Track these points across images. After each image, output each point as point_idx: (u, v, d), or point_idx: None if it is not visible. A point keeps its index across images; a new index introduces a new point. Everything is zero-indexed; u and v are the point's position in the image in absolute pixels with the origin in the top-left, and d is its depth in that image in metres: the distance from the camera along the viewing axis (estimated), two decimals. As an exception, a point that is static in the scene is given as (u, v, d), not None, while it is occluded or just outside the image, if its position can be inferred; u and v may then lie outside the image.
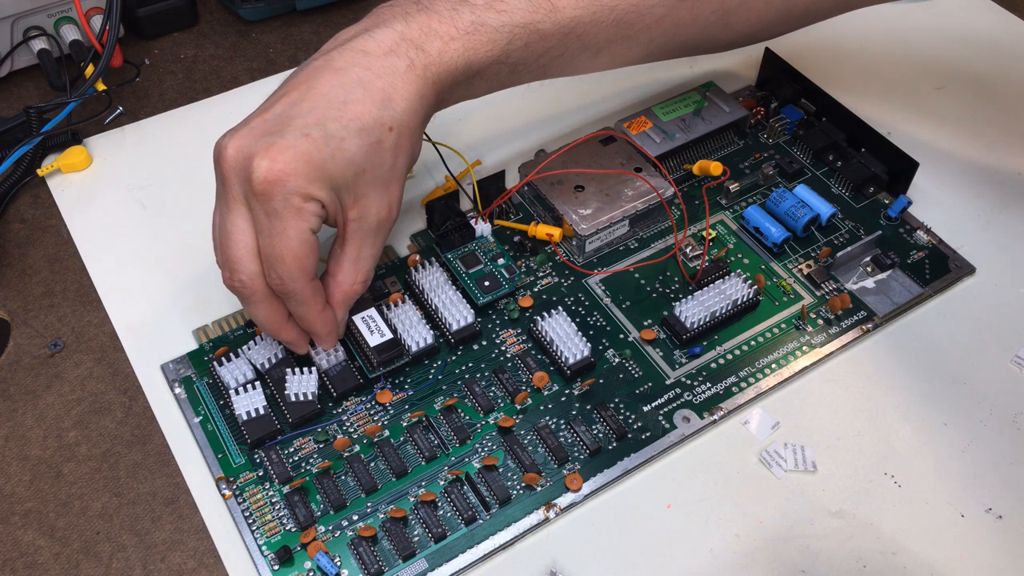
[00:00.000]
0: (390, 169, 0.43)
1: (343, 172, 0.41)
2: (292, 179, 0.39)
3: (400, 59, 0.42)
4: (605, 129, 0.58)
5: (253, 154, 0.40)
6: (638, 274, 0.53)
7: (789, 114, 0.61)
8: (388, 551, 0.43)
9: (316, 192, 0.40)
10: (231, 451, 0.46)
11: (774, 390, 0.49)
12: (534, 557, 0.43)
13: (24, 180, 0.58)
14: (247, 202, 0.41)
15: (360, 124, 0.41)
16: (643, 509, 0.45)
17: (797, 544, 0.43)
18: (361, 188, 0.42)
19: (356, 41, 0.43)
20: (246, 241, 0.42)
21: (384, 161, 0.42)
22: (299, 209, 0.40)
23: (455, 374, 0.49)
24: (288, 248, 0.41)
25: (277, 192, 0.40)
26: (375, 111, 0.41)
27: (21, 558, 0.43)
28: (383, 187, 0.43)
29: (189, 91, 0.65)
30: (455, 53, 0.43)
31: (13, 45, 0.63)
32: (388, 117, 0.41)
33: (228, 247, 0.42)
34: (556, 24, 0.46)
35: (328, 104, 0.41)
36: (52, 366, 0.50)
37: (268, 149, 0.39)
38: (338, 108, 0.41)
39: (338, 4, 0.72)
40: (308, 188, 0.40)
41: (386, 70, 0.42)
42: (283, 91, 0.42)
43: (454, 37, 0.43)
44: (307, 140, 0.40)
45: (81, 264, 0.54)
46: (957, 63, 0.67)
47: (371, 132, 0.41)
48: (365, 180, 0.42)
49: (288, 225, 0.40)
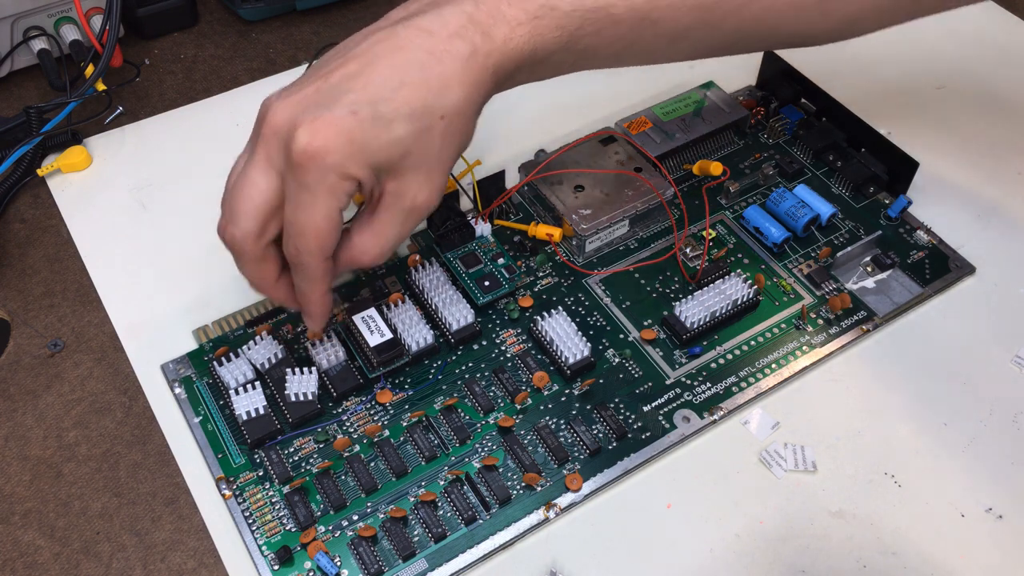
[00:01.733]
0: (436, 156, 0.41)
1: (387, 153, 0.40)
2: (332, 155, 0.39)
3: (464, 44, 0.41)
4: (605, 129, 0.58)
5: (298, 123, 0.39)
6: (638, 274, 0.53)
7: (789, 114, 0.61)
8: (388, 551, 0.43)
9: (354, 171, 0.39)
10: (231, 451, 0.46)
11: (774, 390, 0.49)
12: (534, 557, 0.43)
13: (24, 180, 0.58)
14: (278, 166, 0.40)
15: (411, 109, 0.39)
16: (643, 509, 0.45)
17: (797, 544, 0.43)
18: (403, 170, 0.41)
19: (423, 19, 0.41)
20: (256, 199, 0.41)
21: (431, 147, 0.41)
22: (332, 186, 0.39)
23: (455, 374, 0.49)
24: (312, 223, 0.40)
25: (314, 166, 0.39)
26: (429, 97, 0.40)
27: (21, 558, 0.43)
28: (426, 172, 0.41)
29: (189, 91, 0.65)
30: (521, 40, 0.42)
31: (13, 45, 0.63)
32: (441, 105, 0.40)
33: (236, 198, 0.42)
34: (630, 7, 0.43)
35: (383, 84, 0.39)
36: (52, 366, 0.50)
37: (313, 121, 0.39)
38: (392, 90, 0.39)
39: (338, 4, 0.72)
40: (347, 166, 0.39)
41: (447, 55, 0.40)
42: (342, 60, 0.41)
43: (521, 22, 0.42)
44: (354, 118, 0.39)
45: (81, 264, 0.54)
46: (957, 63, 0.67)
47: (421, 118, 0.40)
48: (408, 163, 0.41)
49: (318, 200, 0.40)
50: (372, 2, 0.72)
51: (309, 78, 0.41)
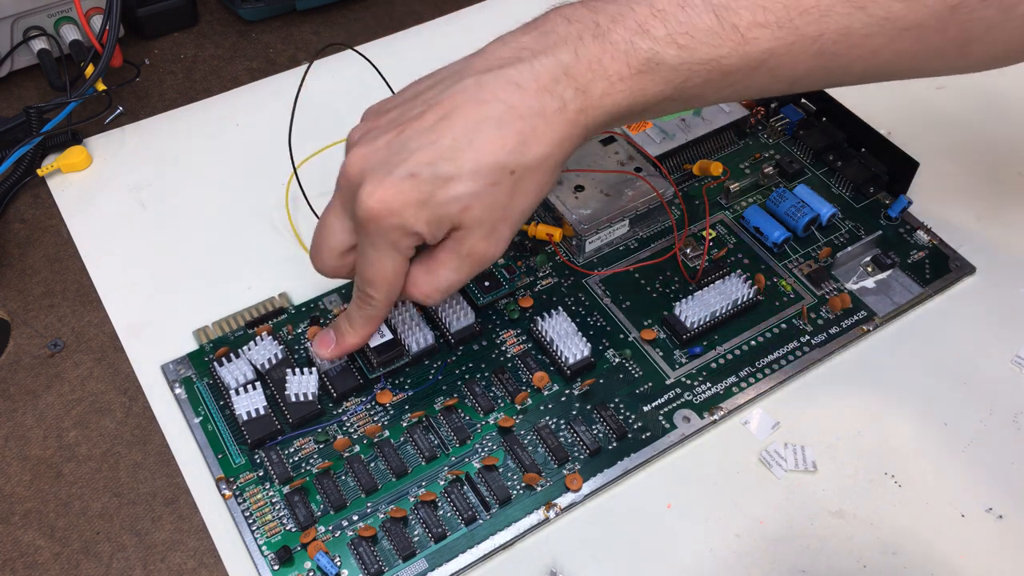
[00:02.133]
0: (502, 210, 0.40)
1: (446, 207, 0.39)
2: (392, 216, 0.39)
3: (553, 100, 0.39)
4: (605, 129, 0.58)
5: (364, 180, 0.40)
6: (638, 274, 0.53)
7: (789, 114, 0.61)
8: (388, 551, 0.43)
9: (414, 227, 0.39)
10: (231, 451, 0.46)
11: (774, 390, 0.49)
12: (534, 557, 0.43)
13: (24, 180, 0.58)
14: (351, 214, 0.41)
15: (476, 166, 0.39)
16: (643, 509, 0.45)
17: (797, 544, 0.43)
18: (465, 221, 0.40)
19: (515, 70, 0.39)
20: (331, 241, 0.43)
21: (497, 202, 0.40)
22: (395, 242, 0.40)
23: (455, 374, 0.49)
24: (379, 274, 0.42)
25: (375, 226, 0.40)
26: (501, 155, 0.39)
27: (21, 558, 0.43)
28: (489, 225, 0.40)
29: (189, 91, 0.65)
30: (620, 95, 0.39)
31: (13, 45, 0.63)
32: (514, 161, 0.39)
33: (318, 237, 0.44)
34: (744, 58, 0.40)
35: (452, 143, 0.39)
36: (52, 366, 0.50)
37: (378, 182, 0.39)
38: (460, 149, 0.39)
39: (338, 4, 0.72)
40: (407, 224, 0.39)
41: (533, 110, 0.39)
42: (423, 108, 0.40)
43: (623, 78, 0.39)
44: (412, 181, 0.39)
45: (81, 264, 0.54)
46: (957, 63, 0.67)
47: (487, 175, 0.39)
48: (470, 216, 0.40)
49: (383, 254, 0.41)
50: (372, 2, 0.72)
51: (390, 123, 0.41)
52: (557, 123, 0.39)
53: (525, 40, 0.40)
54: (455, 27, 0.70)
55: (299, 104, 0.54)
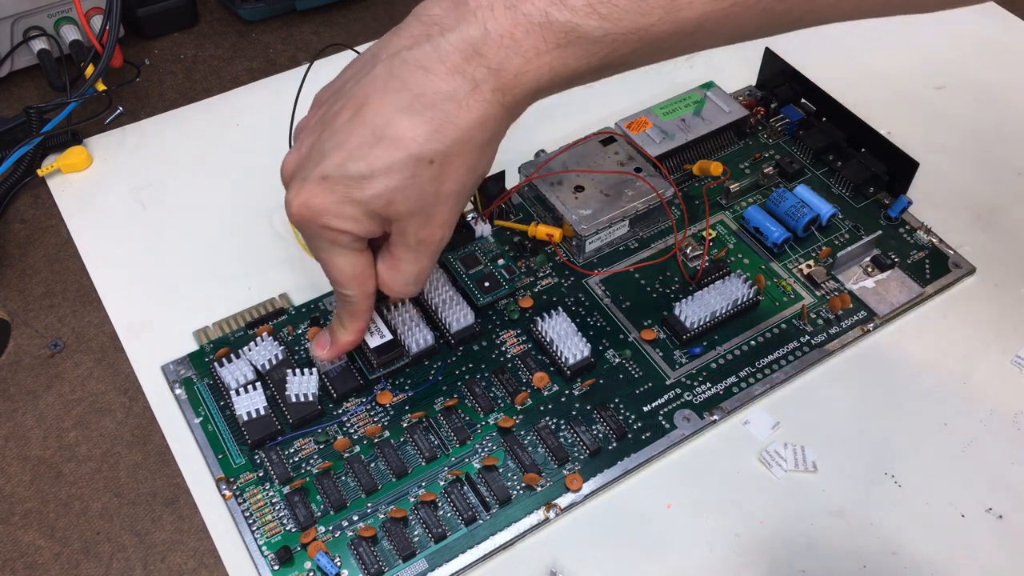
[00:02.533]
0: (432, 197, 0.39)
1: (369, 206, 0.39)
2: (316, 218, 0.39)
3: (465, 81, 0.37)
4: (605, 129, 0.58)
5: (289, 186, 0.41)
6: (638, 274, 0.53)
7: (789, 114, 0.61)
8: (388, 551, 0.43)
9: (340, 226, 0.40)
10: (231, 451, 0.46)
11: (774, 390, 0.49)
12: (534, 557, 0.43)
13: (24, 180, 0.58)
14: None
15: (388, 162, 0.38)
16: (643, 509, 0.45)
17: (797, 544, 0.43)
18: (394, 214, 0.40)
19: (420, 51, 0.37)
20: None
21: (422, 192, 0.39)
22: (332, 239, 0.40)
23: (455, 375, 0.49)
24: (338, 272, 0.42)
25: (305, 228, 0.41)
26: (413, 147, 0.37)
27: (21, 558, 0.43)
28: (423, 214, 0.40)
29: (189, 91, 0.65)
30: (539, 71, 0.37)
31: (13, 45, 0.63)
32: (430, 151, 0.38)
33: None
34: (676, 24, 0.36)
35: (361, 141, 0.38)
36: (52, 366, 0.50)
37: (298, 188, 0.40)
38: (370, 146, 0.38)
39: (338, 4, 0.72)
40: (332, 223, 0.39)
41: (443, 95, 0.37)
42: (344, 99, 0.40)
43: (540, 52, 0.37)
44: (324, 184, 0.39)
45: (81, 264, 0.54)
46: (957, 63, 0.67)
47: (401, 169, 0.38)
48: (398, 209, 0.39)
49: (330, 254, 0.42)
50: (372, 2, 0.72)
51: (317, 122, 0.41)
52: (472, 105, 0.37)
53: (436, 12, 0.38)
54: (455, 27, 0.70)
55: (299, 104, 0.54)
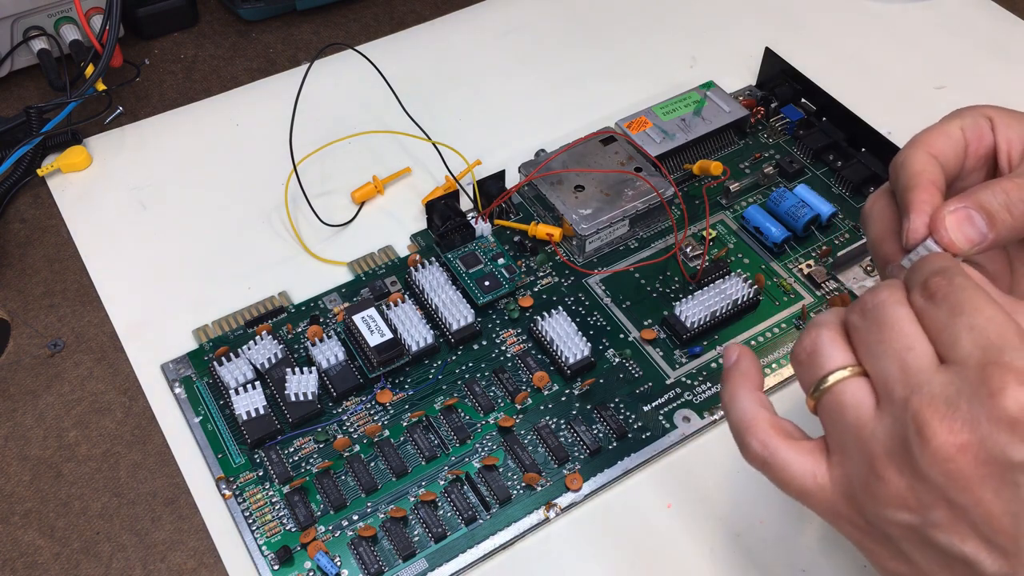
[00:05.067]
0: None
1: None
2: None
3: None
4: (605, 129, 0.58)
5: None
6: (638, 274, 0.53)
7: (789, 114, 0.61)
8: (388, 551, 0.43)
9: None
10: (231, 451, 0.46)
11: (774, 390, 0.49)
12: (534, 557, 0.43)
13: (24, 180, 0.58)
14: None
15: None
16: (643, 509, 0.45)
17: (797, 544, 0.43)
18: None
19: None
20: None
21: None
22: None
23: (455, 374, 0.49)
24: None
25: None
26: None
27: (21, 558, 0.43)
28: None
29: (189, 91, 0.65)
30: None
31: (13, 45, 0.63)
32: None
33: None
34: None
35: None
36: (52, 366, 0.50)
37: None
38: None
39: (338, 4, 0.72)
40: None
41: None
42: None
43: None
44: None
45: (81, 264, 0.54)
46: (957, 63, 0.67)
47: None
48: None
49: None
50: (372, 2, 0.72)
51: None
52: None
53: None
54: (455, 27, 0.70)
55: (299, 104, 0.54)
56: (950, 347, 0.29)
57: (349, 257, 0.54)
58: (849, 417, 0.31)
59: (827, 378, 0.32)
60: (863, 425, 0.30)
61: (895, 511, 0.30)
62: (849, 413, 0.31)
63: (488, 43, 0.68)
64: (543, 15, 0.70)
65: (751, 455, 0.34)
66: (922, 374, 0.29)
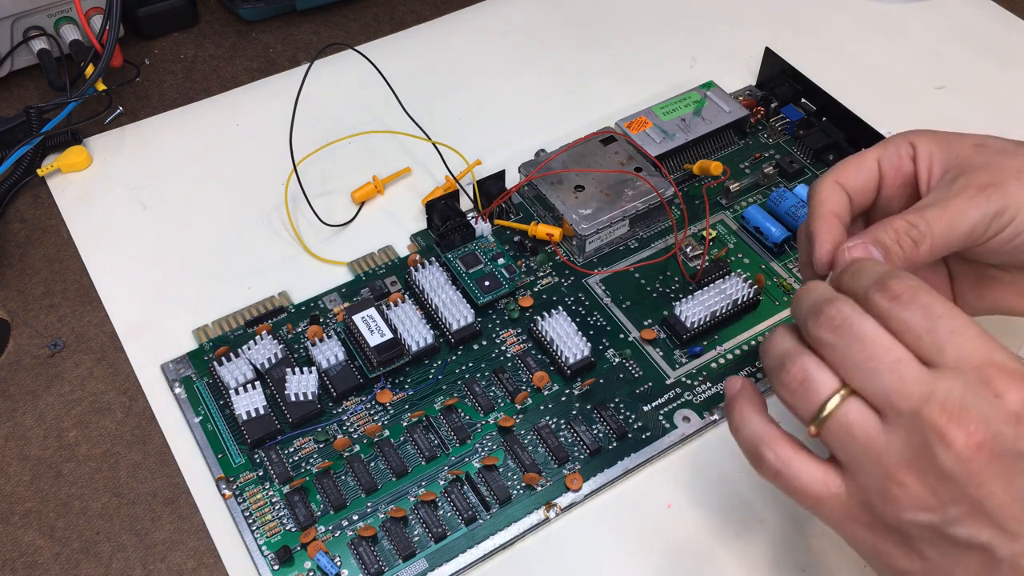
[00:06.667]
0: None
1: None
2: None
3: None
4: (605, 129, 0.58)
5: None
6: (638, 274, 0.53)
7: (789, 114, 0.61)
8: (388, 551, 0.43)
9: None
10: (231, 451, 0.46)
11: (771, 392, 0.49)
12: (534, 557, 0.43)
13: (24, 180, 0.58)
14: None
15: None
16: (643, 509, 0.45)
17: (797, 544, 0.43)
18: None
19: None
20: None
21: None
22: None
23: (455, 374, 0.49)
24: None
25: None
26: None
27: (21, 558, 0.43)
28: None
29: (189, 91, 0.65)
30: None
31: (13, 45, 0.63)
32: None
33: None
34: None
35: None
36: (52, 366, 0.50)
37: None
38: None
39: (338, 4, 0.72)
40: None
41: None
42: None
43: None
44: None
45: (81, 264, 0.54)
46: (957, 63, 0.67)
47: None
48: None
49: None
50: (372, 2, 0.72)
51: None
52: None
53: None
54: (455, 27, 0.70)
55: (299, 104, 0.54)
56: (937, 352, 0.31)
57: (349, 257, 0.54)
58: (859, 436, 0.32)
59: (826, 404, 0.33)
60: (873, 441, 0.32)
61: (916, 513, 0.31)
62: (858, 432, 0.32)
63: (488, 43, 0.68)
64: (543, 15, 0.70)
65: (766, 467, 0.35)
66: (922, 384, 0.31)
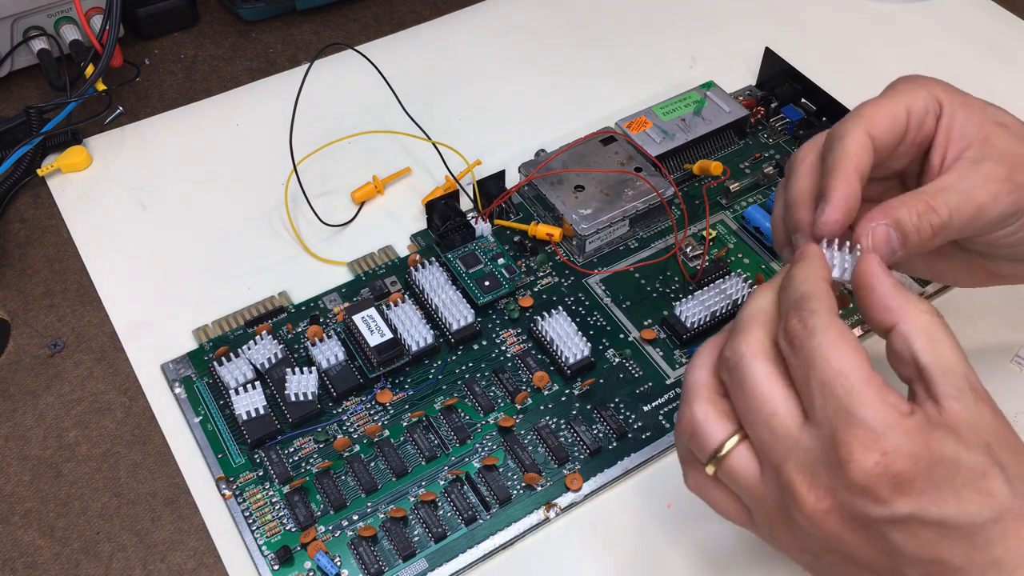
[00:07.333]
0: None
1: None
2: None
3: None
4: (605, 129, 0.58)
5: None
6: (638, 274, 0.53)
7: (789, 114, 0.61)
8: (388, 551, 0.43)
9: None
10: (231, 451, 0.46)
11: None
12: (534, 557, 0.43)
13: (24, 180, 0.58)
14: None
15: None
16: (643, 509, 0.45)
17: (797, 544, 0.43)
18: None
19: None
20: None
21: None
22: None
23: (455, 374, 0.49)
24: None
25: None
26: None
27: (21, 558, 0.43)
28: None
29: (189, 91, 0.65)
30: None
31: (13, 45, 0.63)
32: None
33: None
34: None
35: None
36: (52, 366, 0.50)
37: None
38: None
39: (338, 4, 0.72)
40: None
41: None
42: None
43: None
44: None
45: (81, 264, 0.54)
46: (957, 63, 0.67)
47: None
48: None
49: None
50: (372, 2, 0.72)
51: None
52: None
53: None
54: (455, 27, 0.70)
55: (299, 104, 0.54)
56: (809, 405, 0.32)
57: (349, 257, 0.54)
58: (742, 483, 0.33)
59: (716, 454, 0.34)
60: (754, 489, 0.33)
61: (798, 555, 0.34)
62: (741, 480, 0.33)
63: (488, 43, 0.68)
64: (543, 15, 0.70)
65: (688, 486, 0.37)
66: (788, 440, 0.32)
